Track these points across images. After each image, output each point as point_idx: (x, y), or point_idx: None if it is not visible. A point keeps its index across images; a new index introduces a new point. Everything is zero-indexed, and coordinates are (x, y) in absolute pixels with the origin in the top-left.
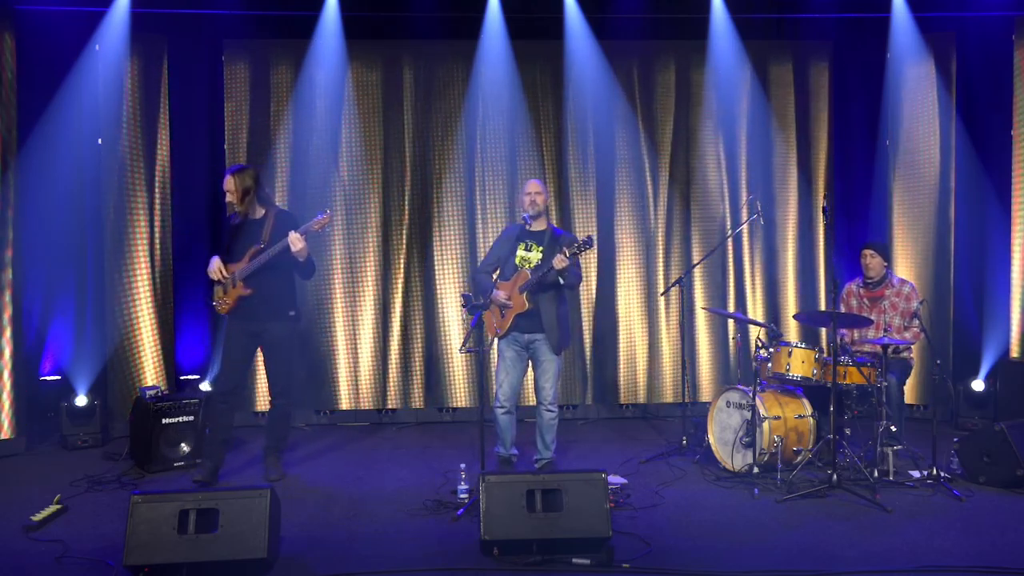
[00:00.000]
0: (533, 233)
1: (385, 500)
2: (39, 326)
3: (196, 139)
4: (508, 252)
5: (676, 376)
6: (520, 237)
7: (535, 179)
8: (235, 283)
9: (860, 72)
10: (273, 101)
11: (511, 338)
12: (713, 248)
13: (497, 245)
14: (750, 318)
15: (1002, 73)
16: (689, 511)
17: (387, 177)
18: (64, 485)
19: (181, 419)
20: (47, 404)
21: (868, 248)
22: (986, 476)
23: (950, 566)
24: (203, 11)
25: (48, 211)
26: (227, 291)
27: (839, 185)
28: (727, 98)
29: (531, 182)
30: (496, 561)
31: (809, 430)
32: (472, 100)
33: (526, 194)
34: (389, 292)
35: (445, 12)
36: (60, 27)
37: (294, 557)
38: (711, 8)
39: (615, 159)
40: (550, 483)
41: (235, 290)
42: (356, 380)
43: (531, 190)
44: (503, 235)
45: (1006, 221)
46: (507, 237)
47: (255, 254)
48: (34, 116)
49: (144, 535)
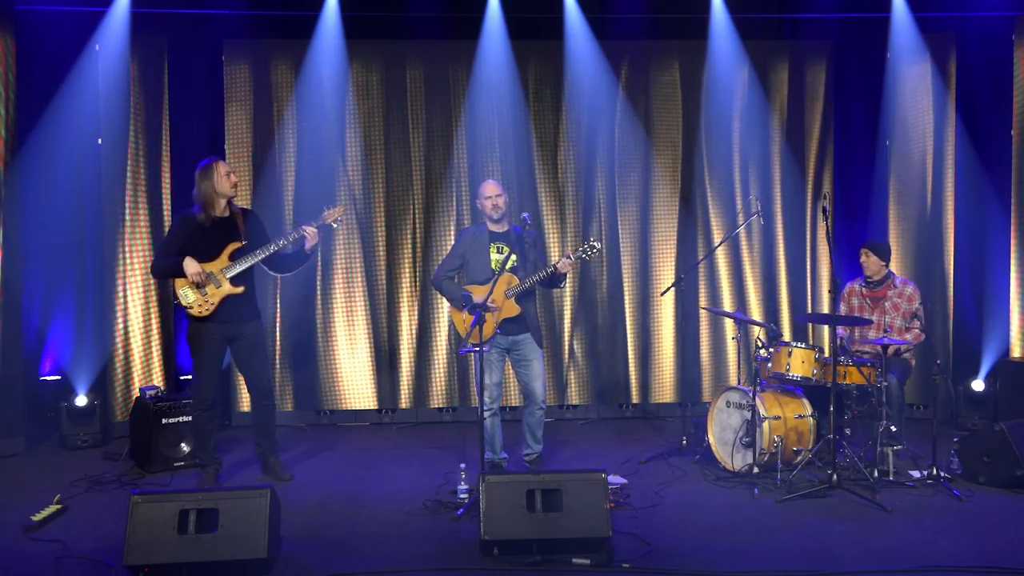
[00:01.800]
0: (500, 234)
1: (385, 500)
2: (39, 326)
3: (196, 139)
4: (475, 255)
5: (676, 376)
6: (491, 239)
7: (491, 181)
8: (219, 283)
9: (860, 72)
10: (273, 101)
11: (493, 341)
12: (713, 248)
13: (460, 247)
14: (750, 318)
15: (1002, 73)
16: (689, 511)
17: (387, 177)
18: (64, 485)
19: (181, 419)
20: (47, 404)
21: (864, 247)
22: (986, 476)
23: (950, 566)
24: (203, 11)
25: (48, 211)
26: (208, 292)
27: (839, 185)
28: (727, 98)
29: (489, 184)
30: (496, 561)
31: (809, 430)
32: (472, 100)
33: (487, 198)
34: (389, 292)
35: (445, 12)
36: (60, 27)
37: (294, 557)
38: (711, 8)
39: (615, 159)
40: (550, 483)
41: (222, 290)
42: (356, 380)
43: (491, 193)
44: (466, 237)
45: (1006, 221)
46: (473, 238)
47: (235, 252)
48: (34, 116)
49: (144, 535)
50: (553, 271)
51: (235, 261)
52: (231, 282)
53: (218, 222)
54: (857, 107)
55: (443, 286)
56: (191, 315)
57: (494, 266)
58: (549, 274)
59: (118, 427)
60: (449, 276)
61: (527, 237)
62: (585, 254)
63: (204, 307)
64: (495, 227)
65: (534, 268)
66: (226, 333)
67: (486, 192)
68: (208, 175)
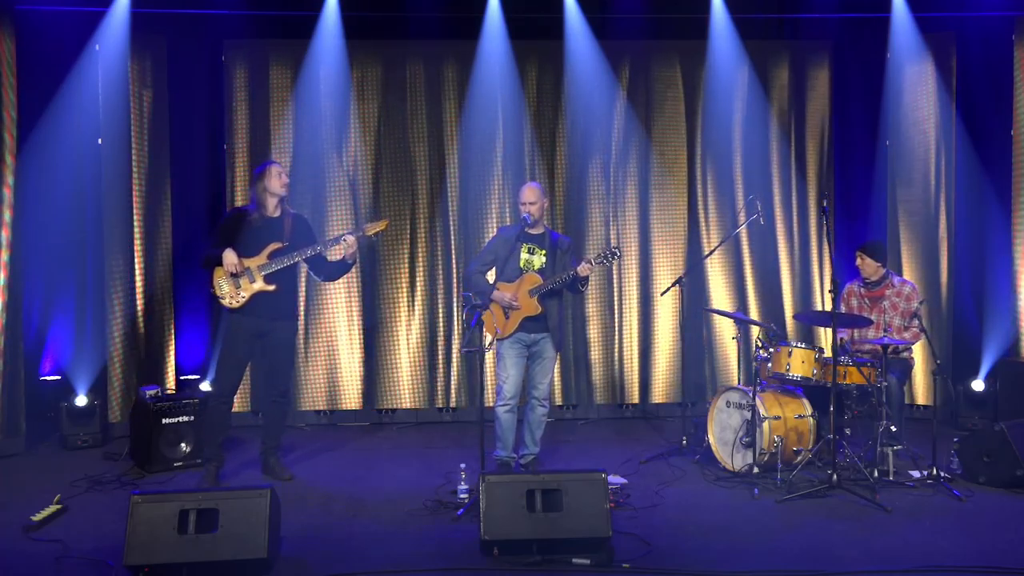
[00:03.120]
0: (533, 236)
1: (385, 500)
2: (39, 326)
3: (196, 139)
4: (508, 253)
5: (676, 376)
6: (520, 239)
7: (533, 184)
8: (253, 278)
9: (860, 72)
10: (273, 101)
11: (515, 338)
12: (713, 248)
13: (494, 245)
14: (750, 318)
15: (1002, 73)
16: (689, 511)
17: (387, 177)
18: (64, 485)
19: (181, 419)
20: (47, 404)
21: (859, 251)
22: (986, 476)
23: (950, 566)
24: (203, 11)
25: (48, 211)
26: (241, 285)
27: (839, 185)
28: (727, 98)
29: (526, 190)
30: (496, 561)
31: (809, 430)
32: (472, 100)
33: (521, 204)
34: (389, 291)
35: (445, 12)
36: (60, 27)
37: (294, 557)
38: (711, 8)
39: (614, 159)
40: (550, 483)
41: (254, 285)
42: (356, 380)
43: (524, 200)
44: (501, 235)
45: (1006, 221)
46: (506, 238)
47: (275, 252)
48: (34, 116)
49: (144, 535)
50: (574, 274)
51: (272, 260)
52: (265, 279)
53: (266, 221)
54: (857, 107)
55: (469, 278)
56: (224, 305)
57: (523, 265)
58: (570, 276)
59: (118, 427)
60: (482, 271)
61: (562, 243)
62: (605, 259)
63: (235, 299)
64: (530, 229)
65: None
66: (255, 328)
67: (521, 198)
68: (262, 177)
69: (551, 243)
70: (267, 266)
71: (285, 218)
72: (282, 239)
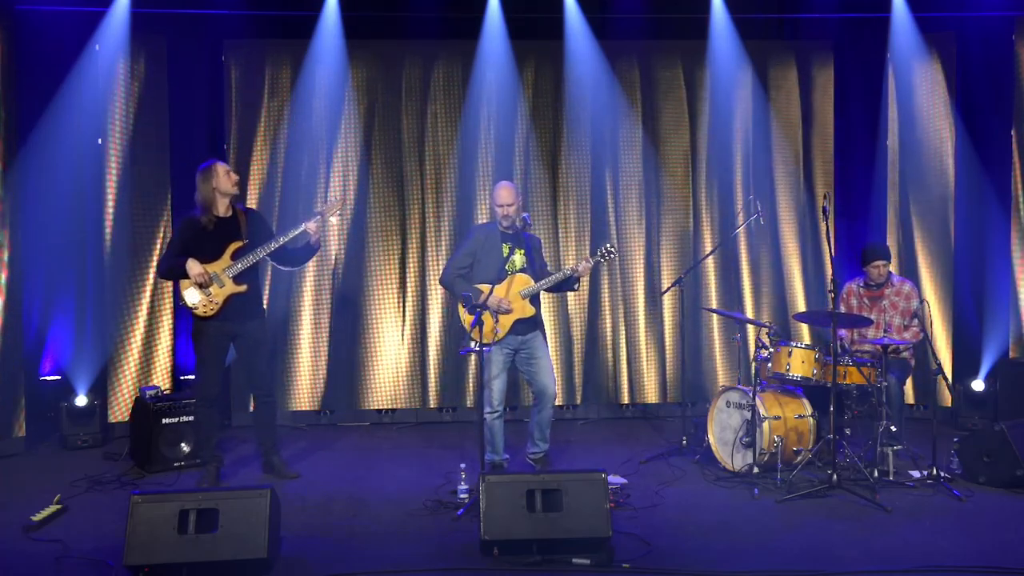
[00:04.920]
0: (511, 235)
1: (385, 500)
2: (39, 326)
3: (196, 139)
4: (488, 254)
5: (676, 376)
6: (503, 239)
7: (508, 183)
8: (222, 282)
9: (860, 72)
10: (273, 101)
11: (505, 342)
12: (713, 248)
13: (471, 245)
14: (750, 318)
15: (1002, 73)
16: (689, 511)
17: (387, 177)
18: (64, 485)
19: (181, 419)
20: (47, 404)
21: (877, 261)
22: (986, 476)
23: (950, 566)
24: (203, 11)
25: (48, 211)
26: (212, 292)
27: (839, 185)
28: (727, 98)
29: (505, 189)
30: (496, 561)
31: (809, 430)
32: (472, 100)
33: (497, 206)
34: (388, 292)
35: (445, 12)
36: (60, 27)
37: (294, 557)
38: (711, 8)
39: (614, 159)
40: (550, 483)
41: (225, 289)
42: (356, 380)
43: (500, 202)
44: (478, 235)
45: (1006, 221)
46: (485, 237)
47: (237, 251)
48: (34, 116)
49: (144, 535)
50: (572, 273)
51: (237, 260)
52: (234, 281)
53: (220, 222)
54: (857, 107)
55: (455, 285)
56: (196, 315)
57: (508, 267)
58: (567, 276)
59: (118, 427)
60: (460, 274)
61: (534, 240)
62: (603, 257)
63: (209, 307)
64: (507, 228)
65: (542, 270)
66: (229, 331)
67: (497, 199)
68: (208, 177)
69: (525, 242)
70: (233, 267)
71: (238, 215)
72: (240, 237)
